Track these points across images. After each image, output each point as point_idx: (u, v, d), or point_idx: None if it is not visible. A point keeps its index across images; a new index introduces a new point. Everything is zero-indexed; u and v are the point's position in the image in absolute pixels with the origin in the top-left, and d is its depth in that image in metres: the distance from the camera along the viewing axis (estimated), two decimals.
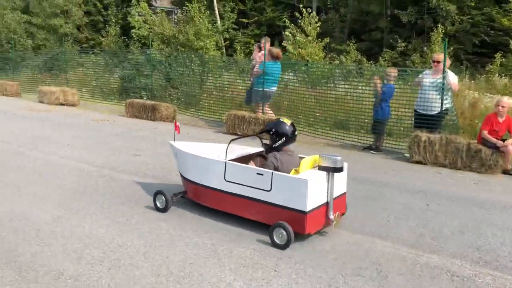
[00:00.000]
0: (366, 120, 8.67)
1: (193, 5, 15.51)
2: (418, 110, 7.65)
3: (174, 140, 5.10)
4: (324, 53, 15.92)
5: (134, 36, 17.26)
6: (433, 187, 5.84)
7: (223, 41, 20.08)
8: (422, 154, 6.91)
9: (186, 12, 16.31)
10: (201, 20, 15.49)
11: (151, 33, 16.12)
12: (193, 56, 12.97)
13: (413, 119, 7.87)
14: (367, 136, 8.38)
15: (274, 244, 3.86)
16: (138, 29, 16.61)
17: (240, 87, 10.76)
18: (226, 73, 11.85)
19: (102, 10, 26.59)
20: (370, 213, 4.79)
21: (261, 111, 9.28)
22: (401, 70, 9.97)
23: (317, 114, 9.59)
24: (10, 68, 16.73)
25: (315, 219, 3.95)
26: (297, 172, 4.22)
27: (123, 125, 9.61)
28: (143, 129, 9.19)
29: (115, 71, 14.55)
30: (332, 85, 10.22)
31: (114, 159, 6.73)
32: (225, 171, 4.35)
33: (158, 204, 4.70)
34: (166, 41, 16.16)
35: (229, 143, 4.54)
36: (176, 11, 30.69)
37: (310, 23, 15.05)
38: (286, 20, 16.30)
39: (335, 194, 4.15)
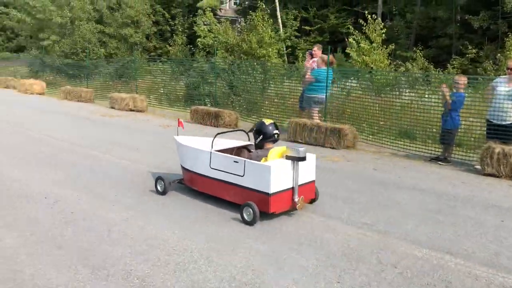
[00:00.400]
0: (433, 130, 8.33)
1: (257, 14, 15.75)
2: (491, 120, 7.24)
3: (178, 135, 5.94)
4: (389, 60, 15.54)
5: (200, 44, 17.77)
6: (508, 202, 5.49)
7: (285, 49, 20.19)
8: (495, 167, 6.52)
9: (250, 21, 16.59)
10: (264, 28, 15.69)
11: (215, 42, 16.53)
12: (255, 63, 13.14)
13: (485, 129, 7.46)
14: (435, 146, 8.04)
15: (243, 221, 4.56)
16: (204, 38, 17.09)
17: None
18: (287, 81, 11.88)
19: (170, 20, 27.63)
20: (439, 227, 4.58)
21: (316, 117, 9.34)
22: (472, 78, 9.50)
23: (381, 123, 9.35)
24: (85, 76, 17.77)
25: (279, 201, 4.61)
26: (266, 160, 4.83)
27: (187, 130, 9.87)
28: (206, 135, 9.38)
29: (181, 78, 15.03)
30: (397, 93, 9.94)
31: (178, 164, 6.93)
32: (210, 159, 5.12)
33: (158, 188, 5.49)
34: (229, 49, 16.53)
35: (214, 136, 5.39)
36: (239, 20, 31.31)
37: (375, 30, 14.75)
38: (350, 27, 16.08)
39: (303, 181, 4.83)
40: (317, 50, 9.76)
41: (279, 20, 21.75)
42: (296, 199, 4.69)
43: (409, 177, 6.53)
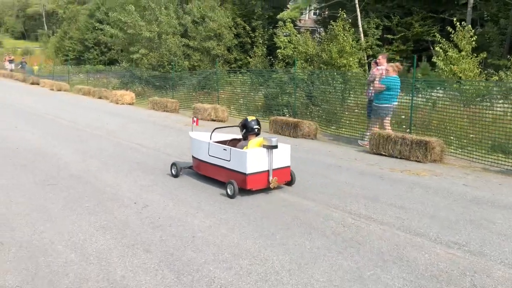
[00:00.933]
0: None
1: (338, 24, 15.58)
2: None
3: (192, 131, 7.26)
4: (479, 69, 14.57)
5: (279, 55, 17.91)
6: None
7: (366, 58, 19.74)
8: None
9: (330, 31, 16.45)
10: (345, 38, 15.46)
11: (295, 52, 16.58)
12: (335, 73, 12.97)
13: None
14: None
15: (227, 195, 5.77)
16: (283, 49, 17.21)
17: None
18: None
19: (250, 32, 28.19)
20: None
21: (388, 127, 9.21)
22: None
23: (471, 136, 8.77)
24: (170, 87, 18.63)
25: (255, 180, 5.79)
26: (246, 148, 6.05)
27: None
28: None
29: (260, 89, 15.25)
30: (489, 103, 9.28)
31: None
32: (209, 148, 6.38)
33: (173, 171, 6.80)
34: (309, 59, 16.49)
35: (213, 131, 6.76)
36: (319, 30, 31.20)
37: (464, 37, 13.93)
38: (437, 35, 15.33)
39: (278, 166, 6.00)
40: (381, 59, 9.72)
41: (360, 29, 21.31)
42: (270, 179, 5.85)
43: (505, 195, 6.04)
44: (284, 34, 19.13)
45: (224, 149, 6.11)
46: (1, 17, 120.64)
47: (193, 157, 6.86)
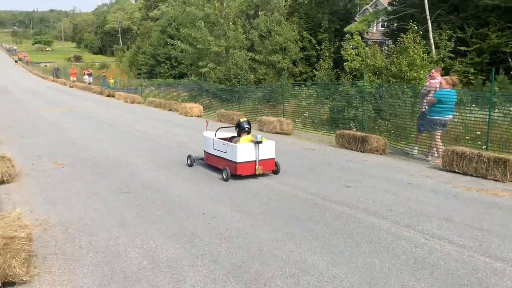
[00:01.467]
0: None
1: (408, 36, 15.16)
2: None
3: (206, 131, 8.88)
4: None
5: (346, 68, 17.70)
6: None
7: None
8: None
9: (400, 43, 16.03)
10: (415, 50, 15.00)
11: (363, 65, 16.30)
12: (405, 87, 12.58)
13: None
14: None
15: (223, 179, 7.42)
16: (351, 62, 16.98)
17: (456, 120, 9.90)
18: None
19: (316, 45, 28.17)
20: None
21: (439, 141, 9.07)
22: None
23: None
24: (236, 100, 18.98)
25: (244, 168, 7.36)
26: (238, 143, 7.50)
27: (333, 155, 9.85)
28: (353, 160, 9.23)
29: (325, 102, 15.11)
30: None
31: (326, 189, 6.91)
32: (213, 143, 8.05)
33: (188, 162, 8.53)
34: (377, 72, 16.14)
35: (217, 130, 8.45)
36: (387, 42, 30.49)
37: None
38: None
39: (264, 158, 7.57)
40: (435, 72, 9.69)
41: (432, 41, 20.57)
42: (256, 167, 7.43)
43: None
44: (352, 46, 18.91)
45: (223, 144, 7.75)
46: (82, 34, 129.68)
47: (204, 151, 8.57)
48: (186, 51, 28.10)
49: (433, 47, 20.40)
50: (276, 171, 7.83)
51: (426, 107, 9.34)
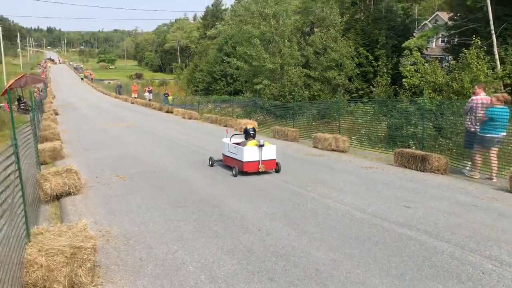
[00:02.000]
0: None
1: (471, 51, 14.60)
2: None
3: (226, 137, 10.37)
4: None
5: (405, 85, 17.27)
6: None
7: (502, 87, 18.08)
8: None
9: (462, 59, 15.47)
10: (479, 66, 14.40)
11: (422, 82, 15.84)
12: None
13: None
14: None
15: (232, 175, 9.10)
16: (410, 78, 16.56)
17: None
18: (509, 124, 10.48)
19: (373, 61, 27.76)
20: None
21: (494, 158, 8.94)
22: None
23: None
24: (290, 116, 19.00)
25: (250, 166, 9.02)
26: (246, 146, 9.13)
27: (392, 174, 9.57)
28: (413, 179, 8.92)
29: (383, 119, 14.78)
30: None
31: (384, 208, 6.71)
32: (228, 147, 9.71)
33: (210, 162, 10.21)
34: (437, 89, 15.63)
35: (231, 136, 10.12)
36: (447, 58, 29.50)
37: None
38: None
39: (266, 158, 9.22)
40: (477, 89, 9.74)
41: (496, 57, 19.66)
42: (260, 166, 9.11)
43: None
44: (410, 63, 18.47)
45: (234, 147, 9.44)
46: (143, 52, 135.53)
47: (222, 154, 10.18)
48: (241, 68, 28.63)
49: (498, 62, 19.48)
50: (277, 170, 9.56)
51: (473, 124, 9.42)
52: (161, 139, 15.35)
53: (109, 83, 70.76)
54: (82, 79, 74.77)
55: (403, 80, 17.39)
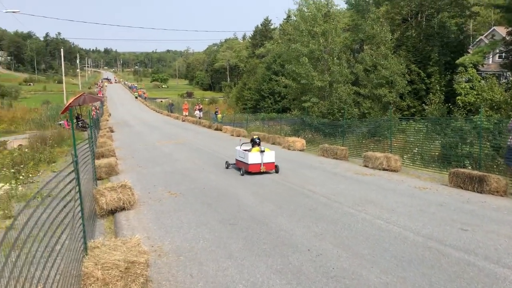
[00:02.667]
0: None
1: None
2: None
3: (239, 147, 12.42)
4: None
5: (460, 102, 16.67)
6: None
7: None
8: None
9: None
10: None
11: (478, 99, 15.24)
12: None
13: None
14: None
15: (240, 174, 11.61)
16: (465, 95, 15.98)
17: None
18: None
19: (425, 78, 27.04)
20: None
21: None
22: None
23: None
24: (339, 134, 18.77)
25: (253, 167, 11.43)
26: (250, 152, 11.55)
27: (447, 195, 9.20)
28: (469, 201, 8.53)
29: (436, 138, 14.31)
30: None
31: (439, 231, 6.45)
32: (238, 152, 12.09)
33: (226, 165, 12.73)
34: (495, 107, 14.97)
35: (241, 144, 12.71)
36: (506, 75, 28.27)
37: None
38: None
39: (267, 161, 11.62)
40: None
41: None
42: (261, 168, 11.46)
43: None
44: (465, 79, 17.83)
45: (242, 152, 11.88)
46: (194, 72, 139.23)
47: (235, 158, 12.55)
48: (289, 86, 28.75)
49: None
50: (276, 171, 11.97)
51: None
52: (210, 156, 15.61)
53: (161, 101, 73.05)
54: (136, 97, 77.63)
55: (458, 97, 16.79)
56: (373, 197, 8.95)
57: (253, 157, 11.47)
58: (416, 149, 14.43)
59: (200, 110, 38.91)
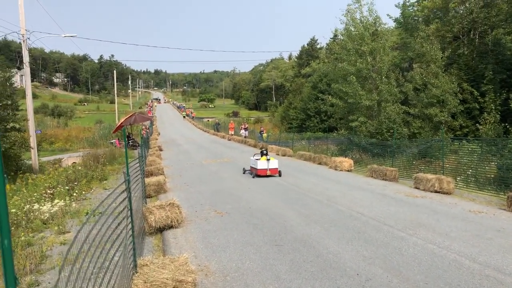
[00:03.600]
0: None
1: None
2: None
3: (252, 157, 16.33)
4: None
5: None
6: None
7: None
8: None
9: None
10: None
11: None
12: None
13: None
14: None
15: (252, 177, 15.55)
16: None
17: None
18: None
19: (479, 97, 26.03)
20: None
21: None
22: None
23: None
24: (388, 154, 18.31)
25: (261, 171, 15.35)
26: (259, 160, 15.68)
27: (505, 220, 8.70)
28: None
29: (491, 159, 13.66)
30: None
31: (498, 258, 6.09)
32: (252, 161, 16.15)
33: (243, 171, 16.49)
34: None
35: (254, 154, 17.22)
36: None
37: None
38: None
39: (272, 167, 15.55)
40: None
41: None
42: (267, 173, 15.27)
43: None
44: None
45: (254, 161, 15.46)
46: (240, 91, 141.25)
47: (250, 166, 16.13)
48: (336, 105, 28.46)
49: None
50: (279, 175, 15.56)
51: None
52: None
53: (208, 120, 74.37)
54: (184, 117, 79.51)
55: None
56: (425, 220, 8.61)
57: (261, 164, 15.38)
58: (470, 170, 13.81)
59: (245, 129, 39.26)
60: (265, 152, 15.94)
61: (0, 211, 1.28)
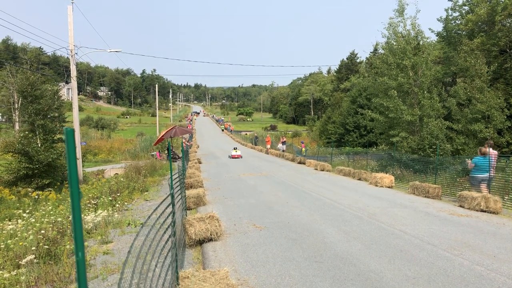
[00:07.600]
0: None
1: None
2: None
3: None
4: None
5: None
6: None
7: None
8: None
9: None
10: None
11: None
12: None
13: None
14: None
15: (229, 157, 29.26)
16: None
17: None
18: None
19: None
20: None
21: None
22: None
23: None
24: (431, 171, 17.80)
25: (234, 156, 32.70)
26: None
27: None
28: None
29: None
30: None
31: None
32: (231, 152, 31.79)
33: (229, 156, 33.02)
34: None
35: (233, 148, 34.29)
36: None
37: None
38: None
39: (237, 154, 33.12)
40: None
41: None
42: (235, 155, 32.52)
43: None
44: None
45: (231, 150, 32.70)
46: (278, 105, 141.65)
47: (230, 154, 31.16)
48: (376, 120, 28.03)
49: None
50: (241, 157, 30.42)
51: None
52: (294, 190, 15.55)
53: (246, 134, 74.93)
54: (222, 130, 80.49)
55: None
56: (471, 240, 8.28)
57: (233, 152, 29.05)
58: None
59: (283, 143, 39.24)
60: (235, 148, 27.64)
61: (76, 226, 1.34)
